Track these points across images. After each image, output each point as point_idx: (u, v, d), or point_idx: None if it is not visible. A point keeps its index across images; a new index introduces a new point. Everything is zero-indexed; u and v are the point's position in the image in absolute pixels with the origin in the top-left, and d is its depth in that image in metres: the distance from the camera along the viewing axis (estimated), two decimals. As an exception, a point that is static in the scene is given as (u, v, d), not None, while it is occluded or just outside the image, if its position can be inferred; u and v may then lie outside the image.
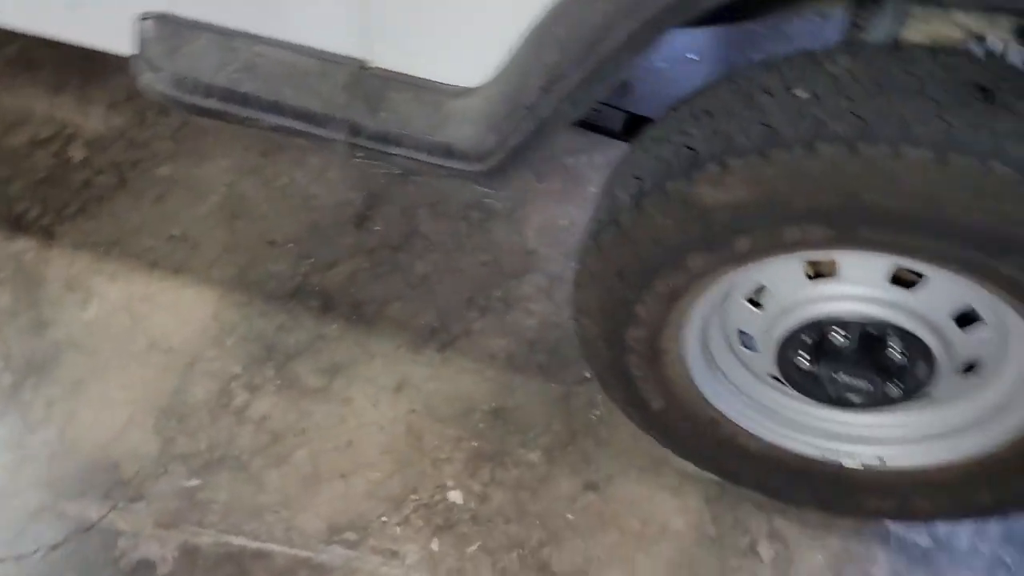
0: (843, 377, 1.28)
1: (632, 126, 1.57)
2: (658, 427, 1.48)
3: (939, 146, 0.97)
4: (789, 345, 1.28)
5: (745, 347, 1.38)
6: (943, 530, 1.52)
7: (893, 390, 1.27)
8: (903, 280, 1.19)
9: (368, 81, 1.20)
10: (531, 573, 1.47)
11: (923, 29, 1.13)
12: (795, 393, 1.37)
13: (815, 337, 1.25)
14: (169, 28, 1.26)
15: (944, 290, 1.17)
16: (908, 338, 1.20)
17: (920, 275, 1.17)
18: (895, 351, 1.22)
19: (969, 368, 1.27)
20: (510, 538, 1.50)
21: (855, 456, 1.41)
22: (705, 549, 1.50)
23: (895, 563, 1.49)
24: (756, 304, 1.30)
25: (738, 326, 1.35)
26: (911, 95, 1.01)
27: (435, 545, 1.49)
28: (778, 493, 1.53)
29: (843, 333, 1.23)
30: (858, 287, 1.20)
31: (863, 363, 1.25)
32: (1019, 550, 1.51)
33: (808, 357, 1.28)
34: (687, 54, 2.26)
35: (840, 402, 1.33)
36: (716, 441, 1.45)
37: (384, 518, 1.52)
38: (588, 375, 1.64)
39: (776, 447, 1.43)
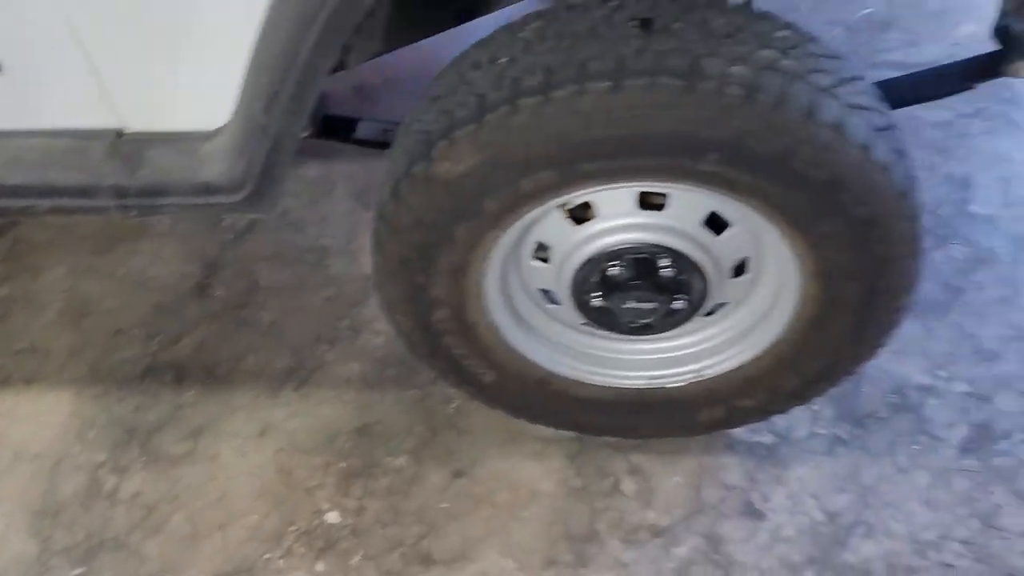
0: (634, 304, 1.39)
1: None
2: (499, 400, 1.57)
3: (614, 76, 1.10)
4: (580, 289, 1.39)
5: (552, 303, 1.48)
6: (781, 425, 1.64)
7: (680, 304, 1.39)
8: (655, 204, 1.32)
9: (126, 146, 1.28)
10: (414, 566, 1.53)
11: None
12: (607, 333, 1.48)
13: (598, 275, 1.37)
14: (-70, 145, 1.32)
15: (686, 203, 1.29)
16: (672, 254, 1.33)
17: (665, 195, 1.30)
18: (666, 268, 1.35)
19: (740, 270, 1.40)
20: (389, 540, 1.56)
21: (676, 377, 1.52)
22: (573, 500, 1.59)
23: (745, 465, 1.60)
24: (546, 261, 1.41)
25: (537, 285, 1.46)
26: (586, 39, 1.14)
27: (320, 566, 1.54)
28: (627, 431, 1.63)
29: (617, 264, 1.35)
30: (615, 220, 1.32)
31: (644, 287, 1.36)
32: (852, 424, 1.64)
33: (599, 295, 1.39)
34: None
35: (647, 330, 1.44)
36: (553, 398, 1.54)
37: (267, 555, 1.56)
38: (437, 373, 1.72)
39: (607, 388, 1.54)
